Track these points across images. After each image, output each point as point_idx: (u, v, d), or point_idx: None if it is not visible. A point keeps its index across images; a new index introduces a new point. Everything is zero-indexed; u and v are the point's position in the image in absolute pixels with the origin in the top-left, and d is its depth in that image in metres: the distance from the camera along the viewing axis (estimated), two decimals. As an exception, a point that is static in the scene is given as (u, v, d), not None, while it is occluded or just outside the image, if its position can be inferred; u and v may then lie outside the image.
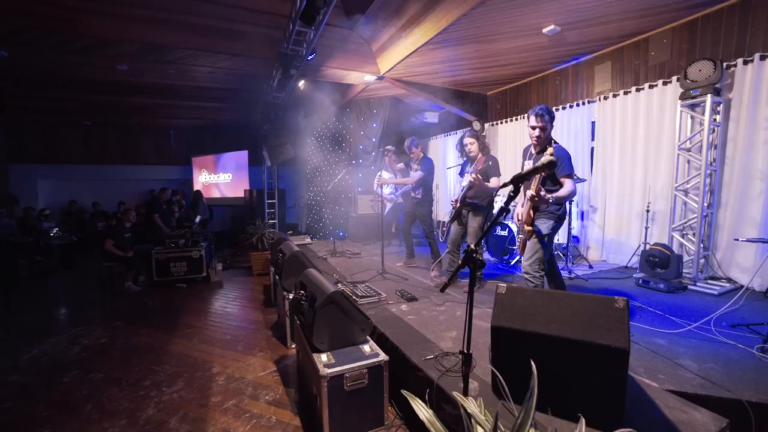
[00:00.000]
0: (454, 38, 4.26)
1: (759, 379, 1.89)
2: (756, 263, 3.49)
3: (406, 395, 1.31)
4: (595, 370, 1.43)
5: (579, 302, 1.52)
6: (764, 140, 3.46)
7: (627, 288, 3.54)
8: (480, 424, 1.09)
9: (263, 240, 5.96)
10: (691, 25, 3.94)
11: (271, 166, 6.66)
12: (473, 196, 3.34)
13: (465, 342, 1.31)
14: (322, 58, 4.94)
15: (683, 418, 1.52)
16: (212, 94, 7.05)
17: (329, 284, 2.32)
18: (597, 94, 4.80)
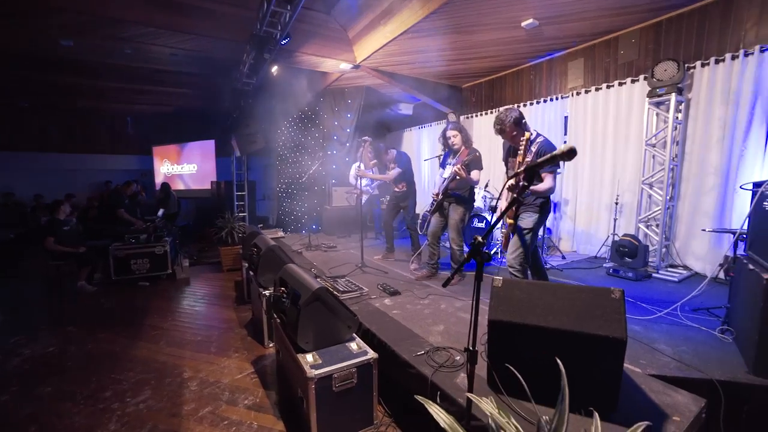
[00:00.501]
0: (434, 27, 4.19)
1: (723, 358, 2.04)
2: (708, 252, 3.77)
3: (422, 401, 1.24)
4: (593, 360, 1.44)
5: (576, 294, 1.52)
6: (717, 138, 3.71)
7: (599, 277, 3.70)
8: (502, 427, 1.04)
9: (233, 234, 5.66)
10: (656, 27, 4.13)
11: (241, 156, 6.32)
12: (455, 187, 3.33)
13: (471, 339, 1.26)
14: (296, 43, 4.69)
15: (668, 401, 1.58)
16: (175, 79, 6.55)
17: (313, 280, 2.20)
18: (570, 90, 4.94)
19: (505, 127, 2.46)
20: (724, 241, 3.64)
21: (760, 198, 2.11)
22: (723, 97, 3.67)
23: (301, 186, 7.38)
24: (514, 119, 2.46)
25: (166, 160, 8.79)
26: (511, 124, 2.44)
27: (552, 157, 1.08)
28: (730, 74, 3.61)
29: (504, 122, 2.46)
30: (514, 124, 2.45)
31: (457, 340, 2.21)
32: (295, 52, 4.94)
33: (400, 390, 2.05)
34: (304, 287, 2.12)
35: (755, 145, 3.50)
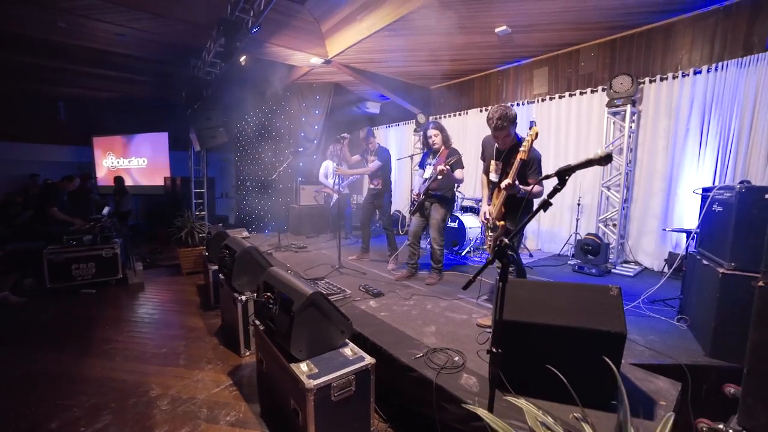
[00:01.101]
0: (412, 27, 4.19)
1: (683, 344, 2.28)
2: (655, 249, 4.20)
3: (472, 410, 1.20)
4: (595, 354, 1.52)
5: (577, 292, 1.60)
6: (663, 147, 4.14)
7: (565, 274, 3.96)
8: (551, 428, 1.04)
9: (194, 234, 5.25)
10: (611, 44, 4.50)
11: (200, 151, 5.86)
12: (437, 188, 3.36)
13: (493, 340, 1.26)
14: (265, 32, 4.44)
15: (652, 387, 1.73)
16: (122, 62, 5.91)
17: (305, 285, 2.09)
18: (535, 96, 5.22)
19: (507, 124, 2.34)
20: (668, 239, 4.08)
21: (710, 202, 2.37)
22: (666, 110, 4.10)
23: (264, 183, 7.05)
24: (514, 118, 2.37)
25: (110, 153, 7.90)
26: (511, 124, 2.37)
27: (588, 162, 1.10)
28: (671, 91, 4.05)
29: (510, 119, 2.33)
30: (513, 124, 2.39)
31: (451, 341, 2.23)
32: (264, 43, 4.68)
33: (398, 394, 2.02)
34: (297, 292, 2.01)
35: (691, 153, 3.95)
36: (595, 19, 4.03)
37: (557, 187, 1.16)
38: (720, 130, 3.73)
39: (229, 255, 3.17)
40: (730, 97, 3.65)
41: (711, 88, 3.77)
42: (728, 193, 2.17)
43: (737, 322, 2.01)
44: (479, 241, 4.92)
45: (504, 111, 2.33)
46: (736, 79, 3.60)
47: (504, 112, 2.33)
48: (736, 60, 3.60)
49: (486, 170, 2.70)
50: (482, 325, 2.40)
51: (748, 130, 3.56)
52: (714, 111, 3.77)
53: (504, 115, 2.32)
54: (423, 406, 1.81)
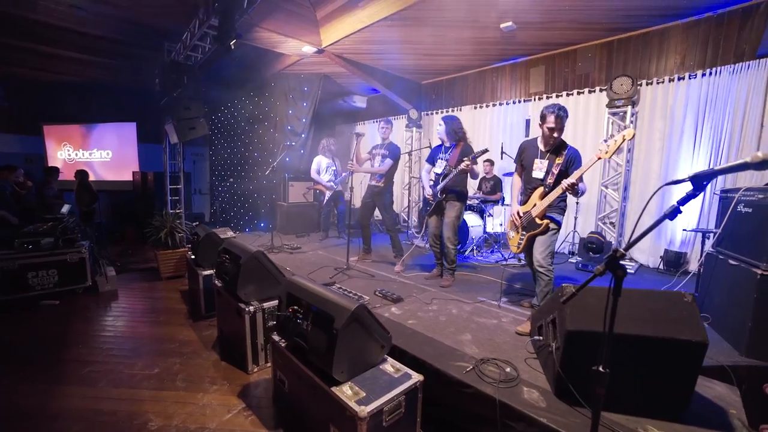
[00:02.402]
0: (417, 17, 4.01)
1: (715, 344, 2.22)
2: (650, 247, 4.34)
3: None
4: (670, 364, 1.45)
5: (648, 298, 1.54)
6: (658, 148, 4.27)
7: (569, 272, 3.98)
8: None
9: (174, 235, 4.77)
10: (609, 45, 4.57)
11: (177, 143, 5.33)
12: (453, 184, 3.22)
13: (603, 356, 1.13)
14: (257, 15, 4.06)
15: (713, 393, 1.70)
16: (79, 41, 5.19)
17: (343, 297, 1.87)
18: (532, 94, 5.22)
19: (566, 117, 2.44)
20: (662, 237, 4.22)
21: (735, 203, 2.41)
22: (662, 112, 4.23)
23: (245, 180, 6.60)
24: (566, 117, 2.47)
25: (66, 144, 7.01)
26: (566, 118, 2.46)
27: (742, 165, 0.98)
28: (666, 94, 4.18)
29: (567, 113, 2.46)
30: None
31: (493, 349, 2.10)
32: (255, 26, 4.30)
33: (449, 412, 1.86)
34: (336, 306, 1.78)
35: (685, 154, 4.11)
36: (597, 19, 4.05)
37: (695, 193, 1.03)
38: (713, 132, 3.89)
39: (231, 260, 2.85)
40: (722, 102, 3.81)
41: (705, 92, 3.92)
42: (761, 194, 2.20)
43: (775, 322, 2.04)
44: (481, 240, 4.86)
45: (562, 105, 2.44)
46: (729, 85, 3.76)
47: (562, 106, 2.43)
48: (728, 66, 3.76)
49: (520, 171, 2.66)
50: (521, 332, 2.30)
51: (739, 133, 3.73)
52: (707, 114, 3.92)
53: (563, 107, 2.42)
54: (482, 424, 1.67)
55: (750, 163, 0.96)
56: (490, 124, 5.78)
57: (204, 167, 8.51)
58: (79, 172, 5.80)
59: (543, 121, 2.46)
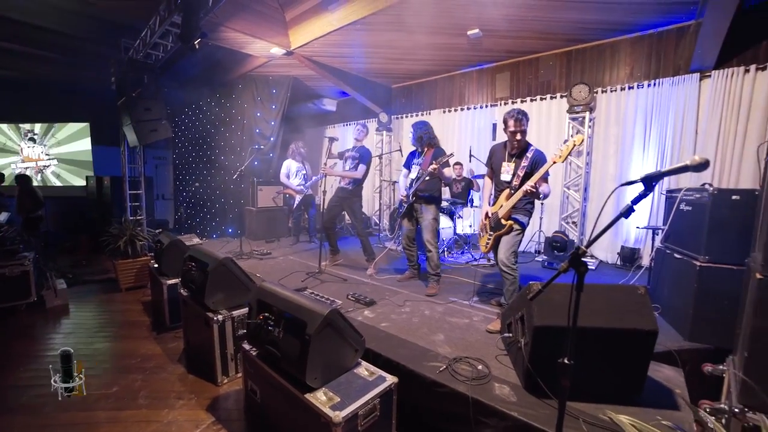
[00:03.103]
0: (387, 22, 4.05)
1: (663, 331, 2.41)
2: (609, 244, 4.62)
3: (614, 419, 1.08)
4: (626, 352, 1.56)
5: (607, 293, 1.65)
6: (613, 151, 4.58)
7: (536, 270, 4.16)
8: None
9: (134, 243, 4.50)
10: (568, 55, 4.85)
11: (136, 147, 5.04)
12: (425, 189, 3.27)
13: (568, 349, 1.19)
14: (223, 14, 3.96)
15: (661, 376, 1.85)
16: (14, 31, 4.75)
17: (315, 302, 1.85)
18: (498, 99, 5.43)
19: (526, 120, 2.56)
20: (619, 234, 4.52)
21: (678, 202, 2.63)
22: (616, 118, 4.54)
23: (211, 184, 6.35)
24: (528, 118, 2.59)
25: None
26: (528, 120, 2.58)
27: (683, 167, 1.07)
28: (619, 101, 4.50)
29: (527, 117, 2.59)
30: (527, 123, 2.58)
31: (465, 349, 2.15)
32: (221, 26, 4.17)
33: (424, 412, 1.88)
34: (309, 311, 1.76)
35: (637, 157, 4.43)
36: (556, 30, 4.29)
37: (645, 193, 1.12)
38: (658, 137, 4.22)
39: (198, 268, 2.73)
40: (665, 110, 4.15)
41: (651, 101, 4.25)
42: (697, 194, 2.42)
43: (713, 309, 2.24)
44: (451, 242, 4.97)
45: (521, 109, 2.57)
46: (669, 95, 4.12)
47: (521, 110, 2.57)
48: (668, 78, 4.11)
49: (491, 174, 2.75)
50: (492, 330, 2.37)
51: (679, 138, 4.08)
52: (653, 121, 4.26)
53: (522, 111, 2.55)
54: (456, 422, 1.71)
55: (689, 165, 1.06)
56: (459, 128, 5.95)
57: (167, 171, 8.11)
58: (19, 176, 5.35)
59: (505, 126, 2.60)
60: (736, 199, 2.22)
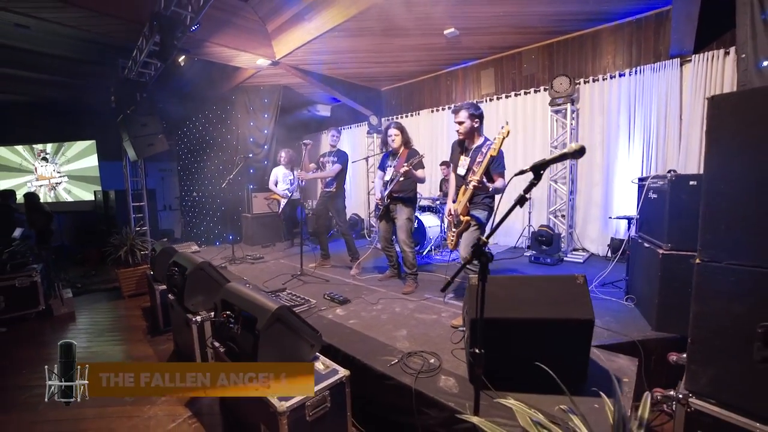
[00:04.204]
0: (361, 27, 4.15)
1: (634, 321, 2.48)
2: (599, 236, 4.56)
3: (475, 422, 1.15)
4: (567, 342, 1.58)
5: (546, 284, 1.66)
6: (599, 141, 4.52)
7: (523, 265, 4.15)
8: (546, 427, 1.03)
9: (134, 252, 4.73)
10: (549, 48, 4.83)
11: (136, 161, 5.30)
12: (399, 189, 3.34)
13: (472, 340, 1.24)
14: (207, 31, 4.14)
15: (614, 366, 1.85)
16: (23, 59, 5.09)
17: (268, 299, 1.94)
18: (483, 96, 5.44)
19: (461, 109, 2.56)
20: (609, 226, 4.45)
21: (646, 190, 2.61)
22: (600, 108, 4.49)
23: (212, 193, 6.59)
24: (472, 107, 2.57)
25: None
26: (478, 114, 2.56)
27: (562, 155, 1.12)
28: (602, 91, 4.45)
29: (466, 106, 2.57)
30: (477, 118, 2.57)
31: (424, 343, 2.20)
32: (206, 42, 4.36)
33: (376, 405, 1.95)
34: (260, 308, 1.86)
35: (623, 146, 4.36)
36: (533, 23, 4.29)
37: (533, 181, 1.17)
38: (643, 125, 4.16)
39: (179, 272, 2.88)
40: (648, 97, 4.09)
41: (633, 89, 4.19)
42: (661, 181, 2.40)
43: (677, 297, 2.21)
44: (439, 240, 5.00)
45: (468, 103, 2.62)
46: (651, 82, 4.05)
47: (468, 103, 2.61)
48: (649, 65, 4.05)
49: (454, 170, 2.80)
50: (455, 326, 2.41)
51: (664, 124, 4.00)
52: (637, 109, 4.19)
53: (468, 104, 2.59)
54: (403, 413, 1.77)
55: (567, 153, 1.10)
56: (448, 127, 5.97)
57: (173, 183, 8.43)
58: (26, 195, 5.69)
59: (455, 118, 2.62)
60: (693, 185, 2.19)
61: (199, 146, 6.64)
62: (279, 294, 3.17)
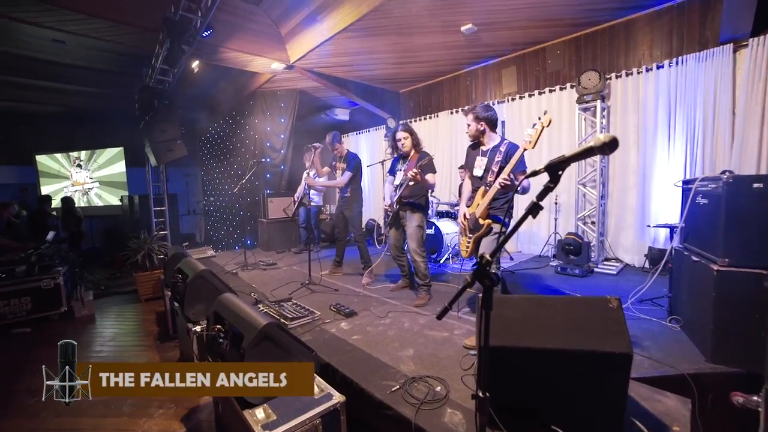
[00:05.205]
0: (373, 27, 4.01)
1: (681, 348, 2.12)
2: (633, 244, 4.13)
3: None
4: (597, 378, 1.31)
5: (570, 307, 1.39)
6: (633, 141, 4.12)
7: (548, 276, 3.81)
8: None
9: (151, 256, 4.79)
10: (576, 41, 4.49)
11: (157, 166, 5.41)
12: (409, 195, 3.13)
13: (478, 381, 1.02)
14: (221, 36, 4.14)
15: (661, 408, 1.54)
16: (62, 72, 5.39)
17: (257, 314, 1.79)
18: (505, 96, 5.14)
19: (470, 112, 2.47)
20: (646, 233, 4.02)
21: (693, 194, 2.26)
22: (634, 105, 4.09)
23: (232, 198, 6.65)
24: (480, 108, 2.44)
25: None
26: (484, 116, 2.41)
27: (587, 150, 0.89)
28: (637, 86, 4.05)
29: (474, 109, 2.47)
30: (483, 120, 2.41)
31: (431, 366, 1.98)
32: (220, 47, 4.36)
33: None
34: (247, 324, 1.71)
35: (661, 146, 3.94)
36: (558, 15, 3.98)
37: (549, 185, 0.94)
38: (686, 122, 3.73)
39: (182, 280, 2.80)
40: (692, 91, 3.66)
41: (674, 82, 3.78)
42: (713, 184, 2.06)
43: (738, 323, 1.86)
44: (457, 247, 4.72)
45: (477, 105, 2.48)
46: (696, 73, 3.62)
47: (477, 105, 2.48)
48: (693, 54, 3.62)
49: (469, 174, 2.64)
50: (468, 346, 2.17)
51: (712, 121, 3.56)
52: (679, 104, 3.77)
53: (477, 106, 2.46)
54: (402, 449, 1.55)
55: (595, 146, 0.87)
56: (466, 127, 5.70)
57: (197, 187, 8.64)
58: (62, 199, 5.96)
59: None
60: (758, 188, 1.85)
61: (219, 151, 6.75)
62: (284, 304, 3.02)
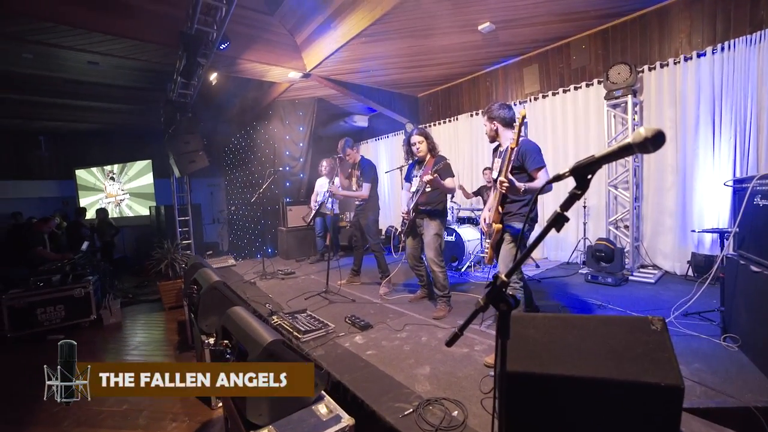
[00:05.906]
0: (388, 31, 3.94)
1: (741, 373, 1.84)
2: (674, 250, 3.79)
3: None
4: (637, 414, 1.12)
5: (606, 327, 1.21)
6: (671, 137, 3.77)
7: (577, 284, 3.55)
8: None
9: (174, 266, 4.89)
10: (603, 34, 4.22)
11: (181, 177, 5.57)
12: (426, 202, 2.99)
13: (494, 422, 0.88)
14: (237, 48, 4.21)
15: (716, 447, 1.31)
16: (98, 92, 5.71)
17: (263, 330, 1.72)
18: (527, 95, 4.92)
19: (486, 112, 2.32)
20: (689, 238, 3.67)
21: (750, 195, 2.00)
22: (671, 98, 3.77)
23: (253, 207, 6.74)
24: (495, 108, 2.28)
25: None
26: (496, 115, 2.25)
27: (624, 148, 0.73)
28: (674, 77, 3.73)
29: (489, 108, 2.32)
30: (495, 119, 2.26)
31: (448, 387, 1.82)
32: (237, 59, 4.43)
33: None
34: (252, 340, 1.63)
35: (704, 143, 3.59)
36: (582, 8, 3.76)
37: (576, 192, 0.79)
38: (734, 115, 3.38)
39: (197, 291, 2.80)
40: (741, 79, 3.31)
41: (719, 70, 3.44)
42: (775, 183, 1.80)
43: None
44: (479, 255, 4.52)
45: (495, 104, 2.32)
46: (746, 59, 3.27)
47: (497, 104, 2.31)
48: (743, 38, 3.28)
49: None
50: (489, 365, 2.00)
51: (767, 112, 3.20)
52: (725, 95, 3.43)
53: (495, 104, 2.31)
54: (415, 482, 1.40)
55: (633, 143, 0.71)
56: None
57: (221, 197, 8.88)
58: (98, 210, 6.26)
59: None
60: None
61: (241, 161, 6.87)
62: (298, 316, 2.95)
